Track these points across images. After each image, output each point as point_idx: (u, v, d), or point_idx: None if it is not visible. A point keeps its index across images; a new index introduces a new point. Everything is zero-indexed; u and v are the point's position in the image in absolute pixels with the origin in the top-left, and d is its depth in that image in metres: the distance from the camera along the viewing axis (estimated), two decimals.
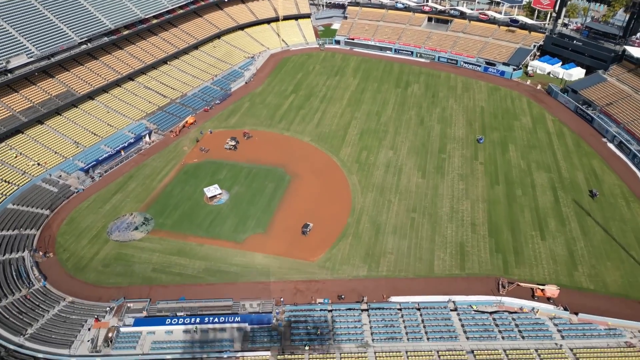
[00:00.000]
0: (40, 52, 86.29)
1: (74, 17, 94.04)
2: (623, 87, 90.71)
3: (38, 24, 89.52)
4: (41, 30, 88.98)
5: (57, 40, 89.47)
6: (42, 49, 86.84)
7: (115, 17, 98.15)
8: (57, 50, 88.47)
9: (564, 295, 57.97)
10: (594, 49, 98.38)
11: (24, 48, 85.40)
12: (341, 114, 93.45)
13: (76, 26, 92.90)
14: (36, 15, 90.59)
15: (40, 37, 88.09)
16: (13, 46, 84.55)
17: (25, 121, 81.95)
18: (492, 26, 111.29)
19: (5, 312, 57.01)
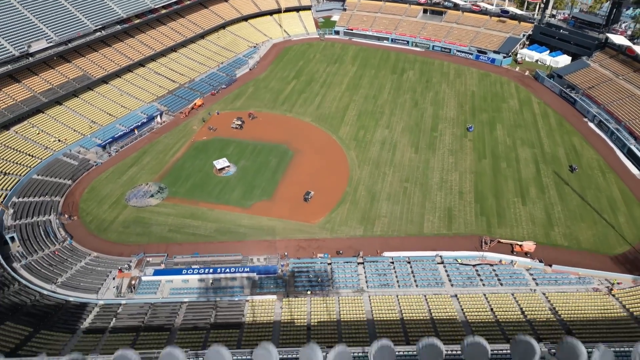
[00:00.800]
0: (59, 38, 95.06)
1: (89, 5, 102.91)
2: (605, 72, 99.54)
3: (56, 12, 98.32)
4: (59, 18, 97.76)
5: (73, 27, 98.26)
6: (60, 35, 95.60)
7: (127, 6, 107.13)
8: (74, 36, 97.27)
9: (540, 250, 66.40)
10: (579, 37, 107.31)
11: (44, 34, 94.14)
12: (340, 98, 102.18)
13: (91, 14, 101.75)
14: (54, 4, 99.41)
15: (58, 24, 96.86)
16: (34, 32, 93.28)
17: (45, 101, 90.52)
18: (484, 17, 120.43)
19: (37, 265, 65.53)
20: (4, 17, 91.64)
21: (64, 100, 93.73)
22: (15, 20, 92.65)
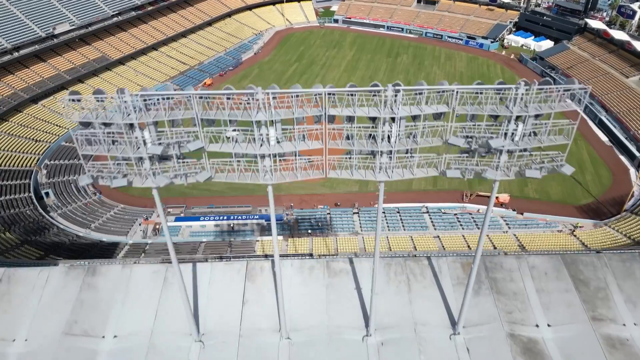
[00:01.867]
0: (80, 22, 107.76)
1: None
2: (582, 54, 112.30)
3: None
4: (80, 3, 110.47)
5: (93, 12, 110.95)
6: (81, 18, 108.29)
7: None
8: (94, 20, 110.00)
9: (514, 202, 78.87)
10: (561, 23, 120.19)
11: (67, 18, 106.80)
12: (339, 78, 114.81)
13: (109, 1, 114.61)
14: None
15: (79, 9, 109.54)
16: (58, 16, 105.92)
17: (68, 79, 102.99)
18: (474, 5, 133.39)
19: (72, 214, 77.95)
20: (32, 1, 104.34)
21: (85, 78, 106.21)
22: (41, 5, 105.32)
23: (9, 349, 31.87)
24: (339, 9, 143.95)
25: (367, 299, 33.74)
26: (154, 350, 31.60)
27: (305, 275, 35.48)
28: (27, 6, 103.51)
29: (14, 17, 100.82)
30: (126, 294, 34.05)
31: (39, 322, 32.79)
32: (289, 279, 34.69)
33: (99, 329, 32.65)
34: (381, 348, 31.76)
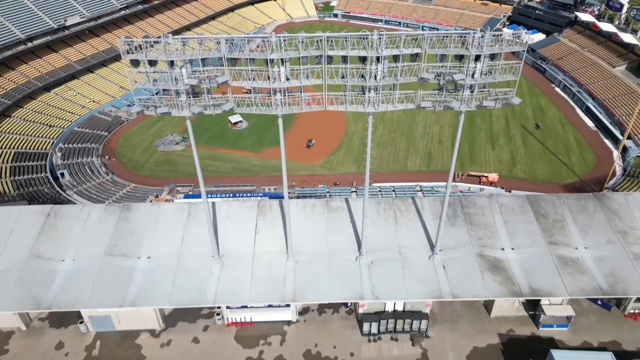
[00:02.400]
0: (90, 14, 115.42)
1: None
2: (572, 45, 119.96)
3: None
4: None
5: (102, 5, 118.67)
6: (91, 11, 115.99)
7: None
8: (102, 13, 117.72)
9: (503, 181, 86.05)
10: (552, 16, 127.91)
11: (77, 10, 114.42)
12: None
13: None
14: None
15: (89, 2, 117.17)
16: (69, 8, 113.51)
17: (79, 69, 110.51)
18: (469, 0, 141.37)
19: (87, 192, 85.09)
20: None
21: (95, 68, 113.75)
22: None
23: (59, 266, 39.13)
24: (339, 3, 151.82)
25: (359, 229, 40.97)
26: (181, 267, 38.81)
27: (308, 211, 42.81)
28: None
29: (27, 9, 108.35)
30: (156, 225, 41.32)
31: (83, 246, 40.02)
32: (294, 213, 41.99)
33: (134, 252, 39.88)
34: (371, 266, 38.99)
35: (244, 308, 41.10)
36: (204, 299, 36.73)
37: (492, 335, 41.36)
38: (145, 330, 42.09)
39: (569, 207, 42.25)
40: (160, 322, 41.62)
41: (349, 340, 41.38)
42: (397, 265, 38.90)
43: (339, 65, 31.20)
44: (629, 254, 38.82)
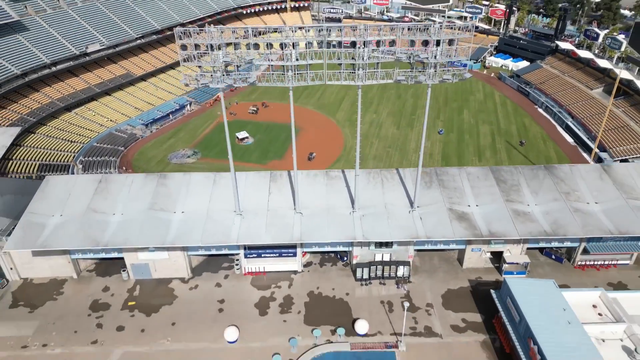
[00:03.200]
0: (109, 42, 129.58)
1: (131, 18, 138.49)
2: (553, 71, 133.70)
3: (107, 22, 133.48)
4: (109, 27, 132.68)
5: (120, 35, 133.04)
6: (110, 40, 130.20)
7: (162, 20, 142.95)
8: (120, 42, 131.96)
9: None
10: (535, 46, 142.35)
11: (97, 39, 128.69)
12: (337, 92, 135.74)
13: (133, 25, 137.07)
14: (106, 16, 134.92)
15: (109, 31, 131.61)
16: (90, 37, 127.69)
17: (98, 92, 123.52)
18: None
19: None
20: (68, 24, 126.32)
21: (112, 91, 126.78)
22: (76, 27, 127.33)
23: (111, 218, 50.17)
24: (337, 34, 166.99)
25: (353, 192, 52.14)
26: (209, 219, 49.84)
27: (311, 179, 54.25)
28: (64, 28, 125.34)
29: (53, 37, 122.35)
30: (188, 188, 52.64)
31: (129, 204, 51.18)
32: (300, 180, 53.32)
33: (171, 208, 50.99)
34: (362, 218, 49.99)
35: (258, 258, 51.77)
36: (229, 240, 47.61)
37: (463, 281, 51.88)
38: (176, 278, 52.62)
39: (523, 175, 53.66)
40: (188, 271, 52.24)
41: (345, 284, 51.87)
42: (383, 217, 49.94)
43: (336, 49, 43.15)
44: (570, 208, 49.91)
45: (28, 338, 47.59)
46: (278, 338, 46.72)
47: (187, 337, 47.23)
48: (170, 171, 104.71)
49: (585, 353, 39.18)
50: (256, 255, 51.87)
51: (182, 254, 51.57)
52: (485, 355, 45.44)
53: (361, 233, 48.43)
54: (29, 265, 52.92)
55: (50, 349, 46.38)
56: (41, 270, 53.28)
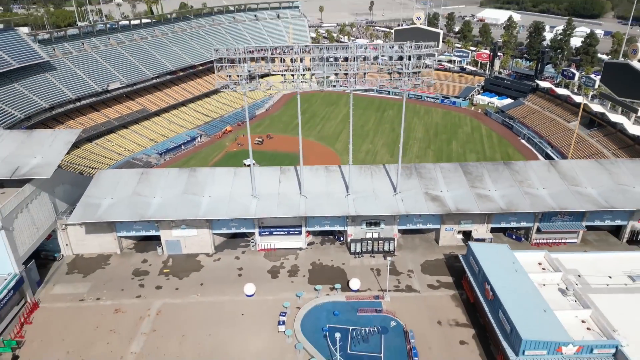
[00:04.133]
0: (127, 81, 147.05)
1: (148, 60, 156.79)
2: (534, 107, 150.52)
3: (126, 64, 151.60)
4: (128, 68, 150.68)
5: (138, 74, 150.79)
6: (129, 79, 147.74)
7: (175, 62, 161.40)
8: (138, 80, 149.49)
9: None
10: (518, 85, 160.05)
11: (117, 78, 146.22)
12: (335, 126, 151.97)
13: (149, 66, 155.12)
14: (125, 58, 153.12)
15: (127, 72, 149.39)
16: (111, 76, 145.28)
17: (116, 125, 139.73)
18: (448, 73, 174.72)
19: None
20: (91, 65, 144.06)
21: (129, 125, 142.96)
22: (99, 68, 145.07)
23: (152, 200, 64.57)
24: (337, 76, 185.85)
25: (347, 180, 66.44)
26: (232, 200, 64.13)
27: (314, 172, 68.98)
28: (88, 68, 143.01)
29: (77, 76, 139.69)
30: (213, 178, 67.23)
31: (167, 190, 65.62)
32: (305, 173, 67.76)
33: (200, 192, 65.44)
34: (355, 200, 64.16)
35: (270, 236, 65.56)
36: (248, 213, 61.71)
37: (439, 255, 65.57)
38: (202, 253, 66.25)
39: (486, 169, 68.29)
40: (212, 248, 65.90)
41: (341, 257, 65.51)
42: (371, 198, 64.24)
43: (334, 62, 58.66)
44: (522, 191, 64.37)
45: (84, 294, 60.68)
46: (287, 293, 59.77)
47: (213, 292, 60.28)
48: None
49: (527, 290, 52.35)
50: (268, 233, 65.60)
51: (208, 231, 65.20)
52: (454, 304, 58.43)
53: (354, 209, 62.38)
54: (81, 242, 66.44)
55: (103, 301, 59.41)
56: (91, 247, 66.73)
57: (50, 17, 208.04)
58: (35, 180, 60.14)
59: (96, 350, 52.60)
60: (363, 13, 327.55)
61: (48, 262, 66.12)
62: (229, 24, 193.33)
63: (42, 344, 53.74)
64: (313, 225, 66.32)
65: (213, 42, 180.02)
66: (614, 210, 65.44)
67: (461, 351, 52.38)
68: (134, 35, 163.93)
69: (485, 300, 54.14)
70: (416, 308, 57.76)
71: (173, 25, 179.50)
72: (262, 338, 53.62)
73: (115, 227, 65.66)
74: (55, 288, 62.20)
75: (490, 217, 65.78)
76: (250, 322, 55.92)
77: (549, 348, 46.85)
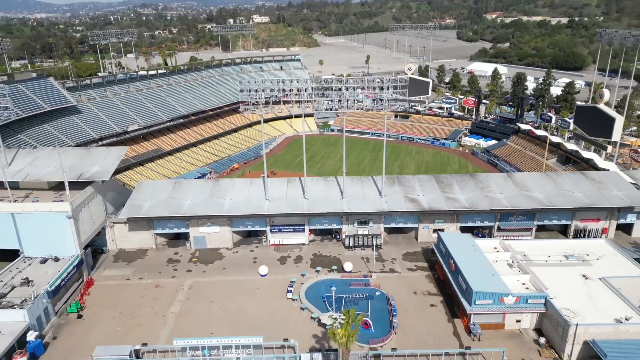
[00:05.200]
0: (145, 123, 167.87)
1: (163, 106, 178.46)
2: (516, 147, 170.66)
3: (144, 108, 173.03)
4: (145, 112, 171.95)
5: (153, 118, 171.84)
6: (146, 121, 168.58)
7: (187, 107, 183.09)
8: (154, 123, 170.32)
9: None
10: (502, 128, 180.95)
11: (136, 120, 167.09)
12: (334, 164, 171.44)
13: (164, 111, 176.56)
14: (142, 104, 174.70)
15: (144, 115, 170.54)
16: (130, 119, 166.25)
17: (133, 162, 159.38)
18: (437, 118, 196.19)
19: None
20: (112, 109, 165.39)
21: (145, 162, 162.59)
22: (119, 112, 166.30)
23: (184, 202, 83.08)
24: (335, 122, 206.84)
25: (342, 187, 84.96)
26: (248, 202, 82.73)
27: (315, 181, 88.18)
28: (110, 111, 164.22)
29: (100, 119, 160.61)
30: (233, 187, 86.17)
31: (196, 195, 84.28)
32: (308, 182, 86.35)
33: (223, 196, 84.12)
34: (348, 201, 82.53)
35: (279, 233, 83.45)
36: (261, 211, 79.93)
37: (417, 248, 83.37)
38: (223, 247, 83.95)
39: (455, 179, 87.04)
40: (232, 243, 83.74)
41: (337, 250, 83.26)
42: (361, 200, 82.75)
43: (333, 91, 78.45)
44: (483, 195, 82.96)
45: (129, 275, 78.09)
46: (293, 273, 77.15)
47: (233, 274, 77.68)
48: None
49: (481, 263, 69.78)
50: (277, 231, 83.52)
51: (228, 229, 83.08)
52: (428, 281, 75.63)
53: (347, 208, 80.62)
54: (124, 238, 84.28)
55: (145, 280, 76.74)
56: (132, 242, 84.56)
57: (73, 69, 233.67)
58: (94, 183, 78.76)
59: (143, 311, 69.49)
60: (360, 66, 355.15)
61: (97, 254, 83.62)
62: (236, 74, 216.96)
63: (99, 307, 70.68)
64: (314, 224, 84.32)
65: (222, 90, 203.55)
66: (558, 211, 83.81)
67: (431, 311, 69.25)
68: (150, 83, 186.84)
69: (449, 271, 71.41)
70: (397, 283, 74.87)
71: (186, 75, 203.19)
72: (274, 303, 70.60)
73: (153, 225, 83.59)
74: (105, 271, 79.66)
75: (459, 217, 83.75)
76: (264, 293, 73.03)
77: (494, 298, 63.94)
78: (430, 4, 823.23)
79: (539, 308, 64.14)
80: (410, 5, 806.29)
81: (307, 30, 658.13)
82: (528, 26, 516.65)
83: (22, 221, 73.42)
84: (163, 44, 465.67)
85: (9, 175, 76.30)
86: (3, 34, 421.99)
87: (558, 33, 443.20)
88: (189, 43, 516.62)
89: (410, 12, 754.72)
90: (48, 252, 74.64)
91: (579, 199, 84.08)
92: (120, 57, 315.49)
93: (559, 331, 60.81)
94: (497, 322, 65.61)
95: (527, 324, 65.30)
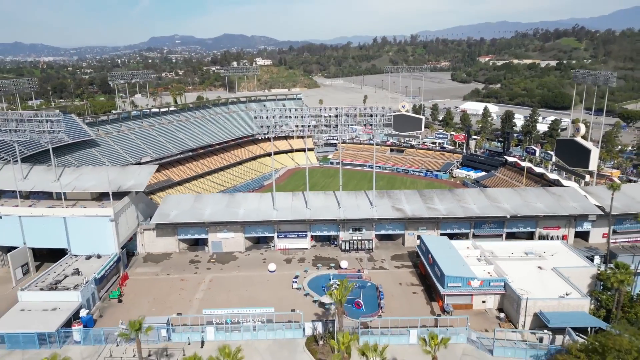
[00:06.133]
0: (157, 155, 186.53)
1: (173, 140, 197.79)
2: (504, 177, 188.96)
3: (155, 142, 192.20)
4: (157, 145, 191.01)
5: (165, 150, 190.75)
6: (157, 154, 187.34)
7: (196, 141, 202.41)
8: (165, 155, 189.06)
9: None
10: (490, 160, 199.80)
11: (148, 153, 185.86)
12: None
13: (175, 144, 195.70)
14: (155, 138, 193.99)
15: (156, 148, 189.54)
16: (143, 152, 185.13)
17: (146, 191, 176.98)
18: (430, 151, 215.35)
19: None
20: (127, 142, 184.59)
21: (155, 192, 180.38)
22: (133, 145, 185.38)
23: (205, 211, 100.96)
24: (334, 155, 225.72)
25: (339, 200, 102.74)
26: (259, 211, 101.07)
27: (315, 195, 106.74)
28: (125, 144, 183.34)
29: (116, 151, 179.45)
30: (246, 199, 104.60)
31: (214, 206, 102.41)
32: (309, 195, 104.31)
33: (237, 207, 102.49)
34: (344, 210, 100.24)
35: (285, 238, 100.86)
36: (270, 217, 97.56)
37: (404, 251, 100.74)
38: (237, 251, 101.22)
39: (436, 193, 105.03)
40: (244, 248, 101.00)
41: (335, 252, 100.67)
42: (355, 209, 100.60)
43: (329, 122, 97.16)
44: (459, 206, 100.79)
45: (158, 272, 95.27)
46: (297, 270, 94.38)
47: (246, 270, 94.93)
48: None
49: (454, 257, 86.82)
50: (284, 237, 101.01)
51: (241, 235, 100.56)
52: (411, 276, 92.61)
53: (343, 215, 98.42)
54: (152, 243, 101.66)
55: (171, 275, 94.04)
56: (158, 247, 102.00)
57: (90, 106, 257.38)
58: (130, 194, 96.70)
59: (173, 298, 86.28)
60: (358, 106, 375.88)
61: (128, 257, 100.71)
62: (241, 112, 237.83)
63: (136, 295, 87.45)
64: (315, 231, 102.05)
65: (228, 126, 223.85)
66: (523, 219, 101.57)
67: (413, 297, 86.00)
68: (162, 119, 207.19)
69: (428, 265, 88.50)
70: (385, 277, 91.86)
71: (195, 112, 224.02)
72: (281, 291, 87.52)
73: (177, 231, 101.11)
74: (137, 269, 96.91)
75: (439, 224, 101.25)
76: (273, 285, 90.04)
77: (463, 282, 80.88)
78: (425, 47, 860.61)
79: (500, 290, 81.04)
80: (407, 49, 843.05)
81: (307, 72, 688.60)
82: (519, 68, 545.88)
83: (72, 224, 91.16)
84: (170, 84, 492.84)
85: (59, 187, 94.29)
86: (14, 76, 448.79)
87: (547, 75, 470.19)
88: (194, 84, 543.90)
89: (406, 55, 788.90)
90: (92, 251, 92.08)
91: (540, 208, 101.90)
92: (131, 96, 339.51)
93: (514, 306, 77.64)
94: (466, 302, 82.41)
95: (491, 304, 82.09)
